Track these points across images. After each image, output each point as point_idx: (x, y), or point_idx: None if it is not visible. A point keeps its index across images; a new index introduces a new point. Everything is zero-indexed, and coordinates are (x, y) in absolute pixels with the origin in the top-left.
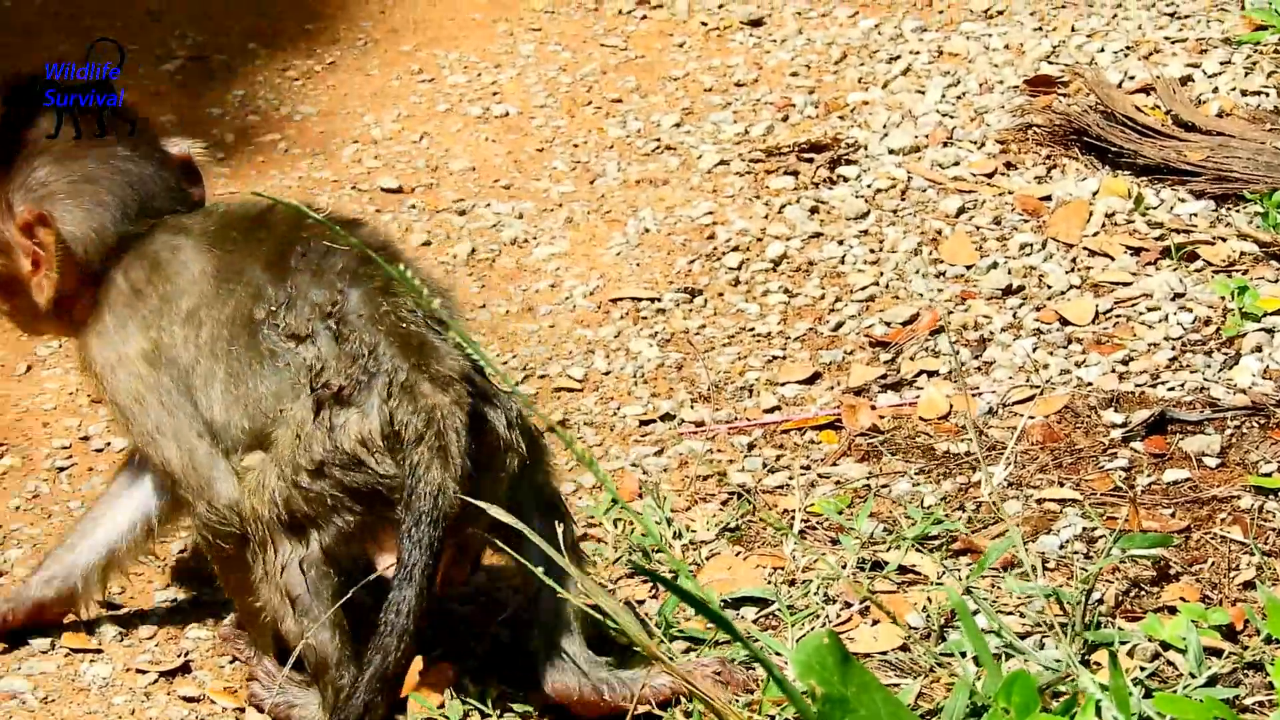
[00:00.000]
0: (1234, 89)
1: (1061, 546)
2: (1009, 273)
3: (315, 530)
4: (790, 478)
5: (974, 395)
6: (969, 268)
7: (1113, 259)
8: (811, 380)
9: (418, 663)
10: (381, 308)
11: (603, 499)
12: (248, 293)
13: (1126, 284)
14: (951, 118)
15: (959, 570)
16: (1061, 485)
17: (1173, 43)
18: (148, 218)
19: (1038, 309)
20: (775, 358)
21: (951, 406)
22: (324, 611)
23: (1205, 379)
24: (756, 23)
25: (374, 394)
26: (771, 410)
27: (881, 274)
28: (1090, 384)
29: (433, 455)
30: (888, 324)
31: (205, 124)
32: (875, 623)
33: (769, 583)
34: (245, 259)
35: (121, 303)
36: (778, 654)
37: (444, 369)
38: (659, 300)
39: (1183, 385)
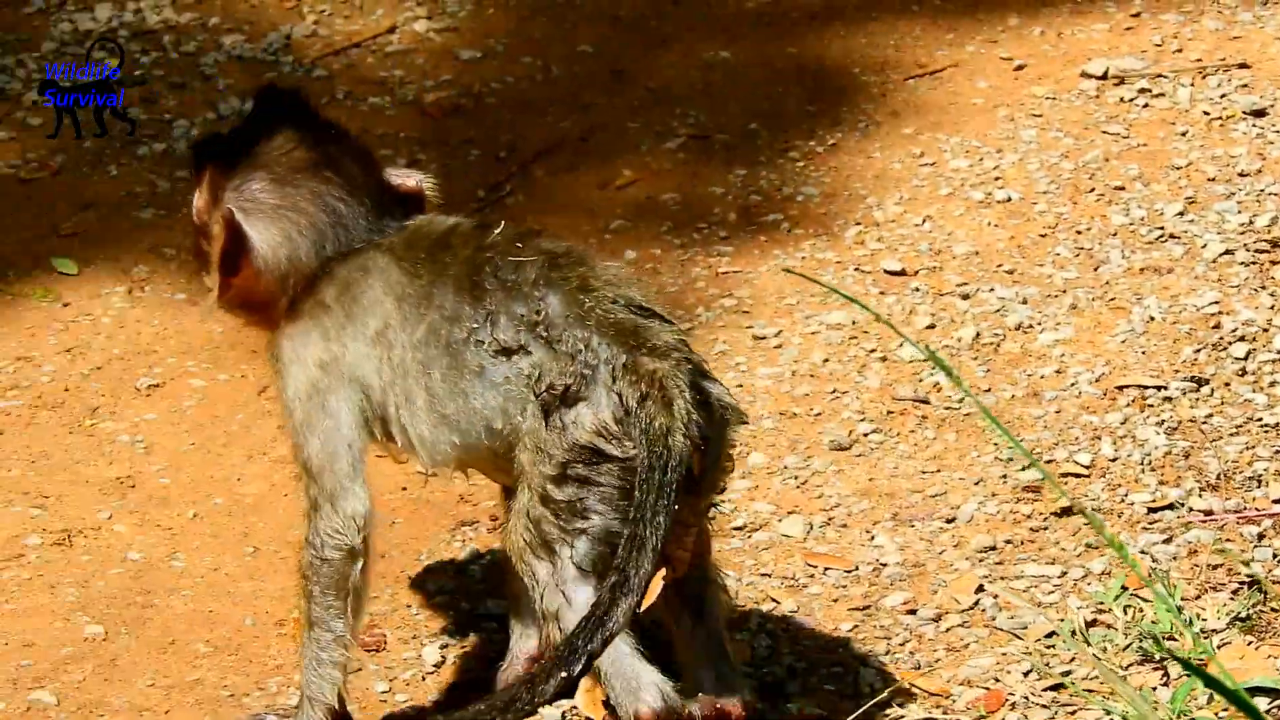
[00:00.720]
0: None
1: None
2: None
3: (567, 547)
4: None
5: None
6: None
7: None
8: None
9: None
10: (585, 304)
11: (1112, 585)
12: (441, 315)
13: None
14: None
15: None
16: None
17: None
18: (348, 246)
19: None
20: None
21: None
22: None
23: None
24: (1259, 113)
25: (598, 384)
26: None
27: None
28: None
29: (658, 408)
30: None
31: (708, 202)
32: None
33: None
34: (434, 281)
35: (310, 315)
36: None
37: (660, 343)
38: (1165, 388)
39: None
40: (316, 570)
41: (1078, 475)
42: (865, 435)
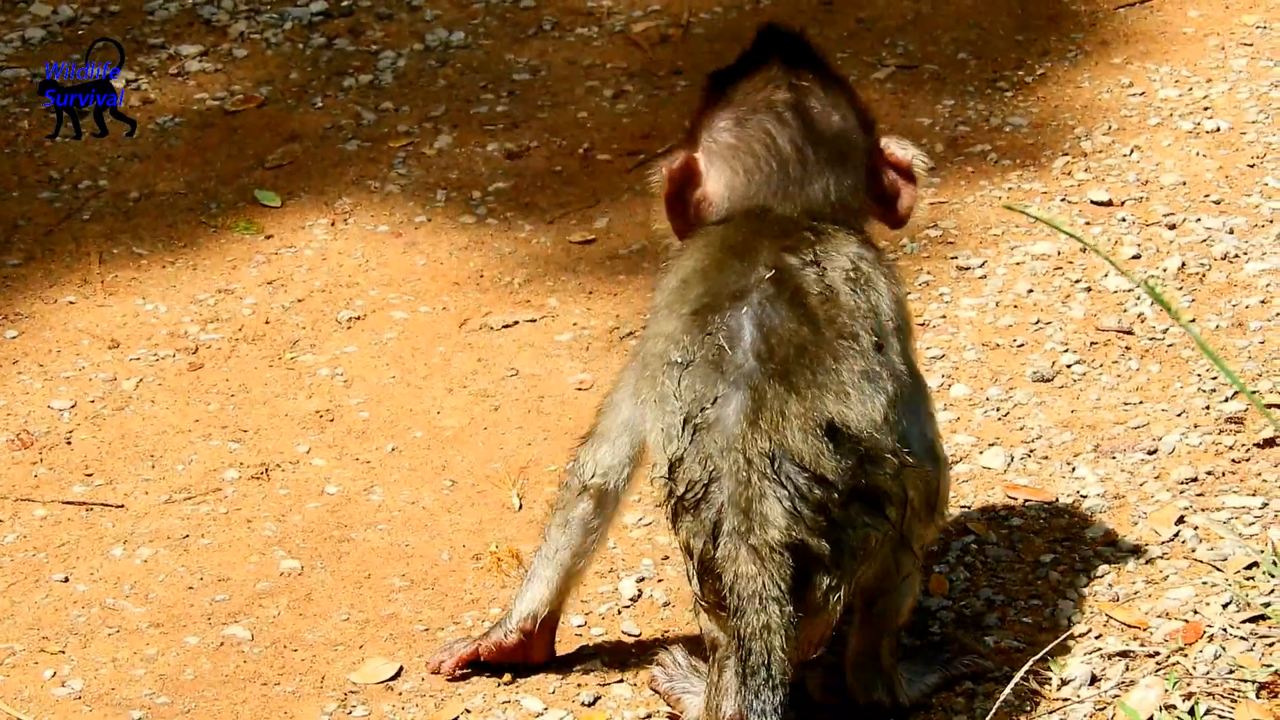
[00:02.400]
0: None
1: None
2: None
3: None
4: None
5: None
6: None
7: None
8: None
9: None
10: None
11: None
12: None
13: None
14: None
15: None
16: None
17: None
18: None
19: None
20: None
21: None
22: None
23: None
24: None
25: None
26: None
27: None
28: None
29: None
30: None
31: (915, 133)
32: None
33: None
34: (715, 282)
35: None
36: None
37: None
38: None
39: None
40: (559, 490)
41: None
42: (1068, 366)
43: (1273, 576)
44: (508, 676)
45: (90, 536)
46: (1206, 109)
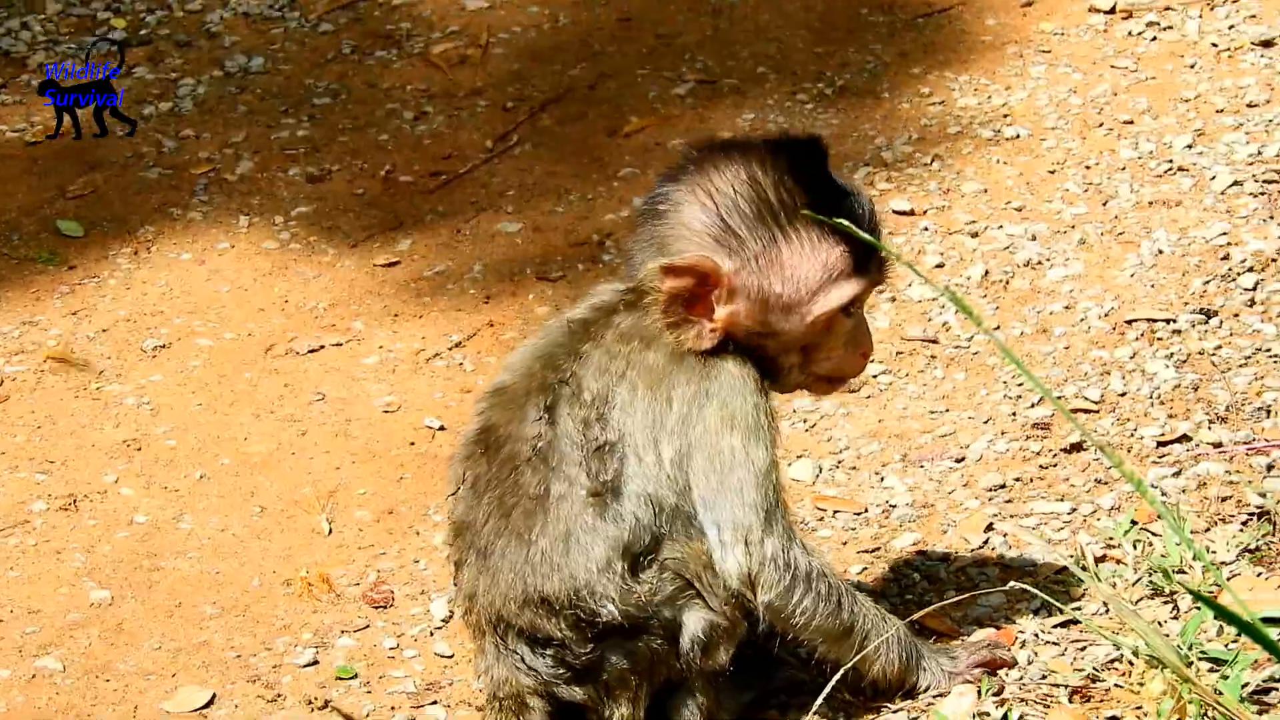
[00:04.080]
0: None
1: None
2: None
3: None
4: None
5: None
6: None
7: None
8: None
9: None
10: None
11: (1121, 520)
12: None
13: None
14: None
15: None
16: None
17: None
18: None
19: None
20: None
21: None
22: None
23: None
24: (1267, 43)
25: None
26: None
27: None
28: None
29: None
30: None
31: None
32: None
33: None
34: None
35: None
36: None
37: None
38: (1174, 321)
39: None
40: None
41: (1087, 411)
42: (875, 377)
43: (1082, 581)
44: (320, 700)
45: None
46: (1006, 116)
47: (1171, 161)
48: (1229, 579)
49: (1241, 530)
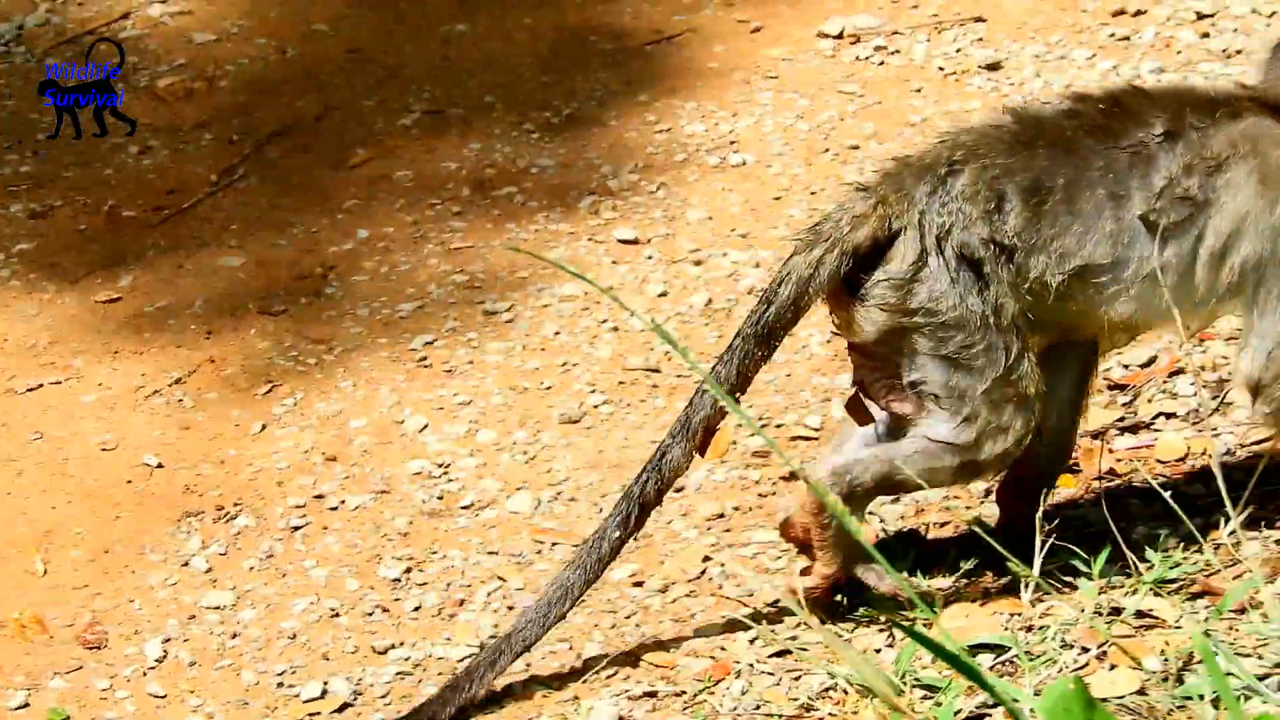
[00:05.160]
0: None
1: None
2: None
3: None
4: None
5: (1213, 436)
6: None
7: None
8: None
9: None
10: None
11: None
12: None
13: None
14: None
15: (1197, 614)
16: None
17: None
18: None
19: None
20: None
21: (1189, 448)
22: None
23: None
24: (994, 66)
25: None
26: None
27: None
28: None
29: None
30: (1126, 366)
31: (442, 178)
32: (1112, 667)
33: (1006, 629)
34: None
35: None
36: (1016, 700)
37: None
38: None
39: None
40: None
41: (807, 438)
42: (596, 407)
43: (795, 612)
44: None
45: None
46: (733, 143)
47: None
48: (945, 605)
49: (959, 556)
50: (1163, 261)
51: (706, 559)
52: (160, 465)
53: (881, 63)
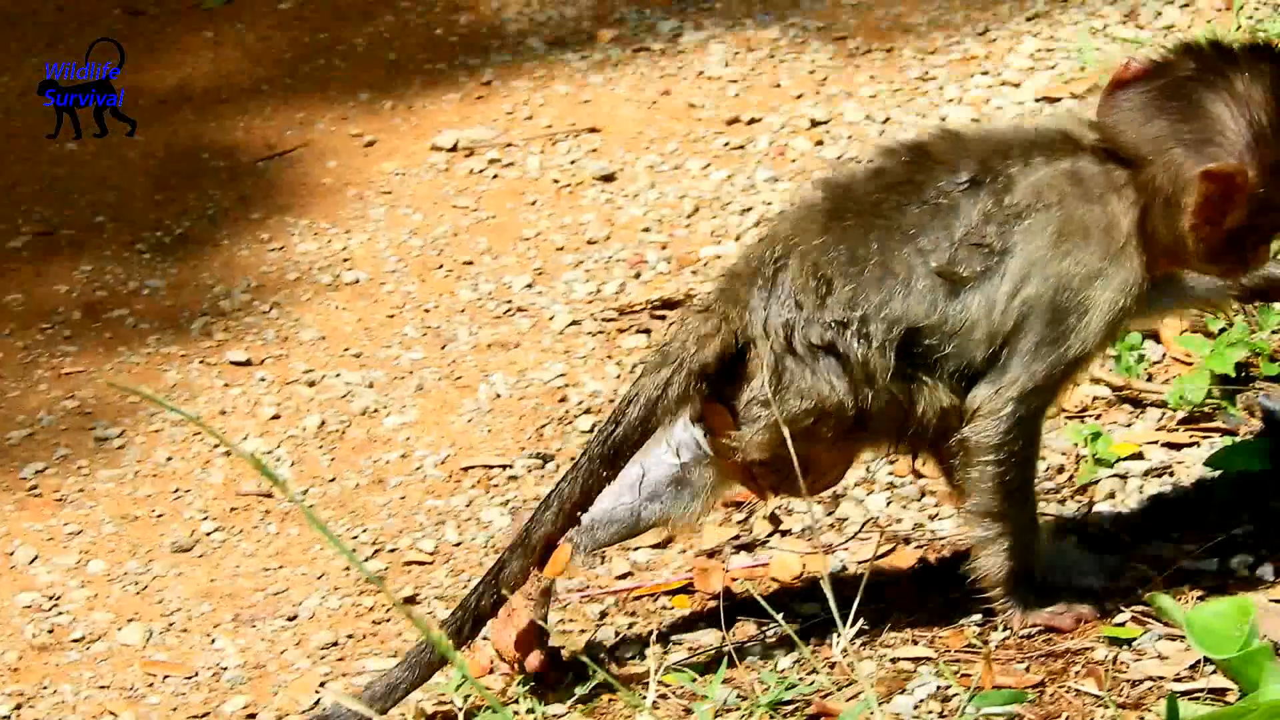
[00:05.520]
0: None
1: (916, 706)
2: None
3: None
4: (643, 646)
5: (827, 553)
6: None
7: None
8: (665, 544)
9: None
10: None
11: (454, 677)
12: None
13: None
14: None
15: None
16: (915, 643)
17: None
18: None
19: (891, 462)
20: None
21: (805, 565)
22: None
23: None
24: (608, 178)
25: None
26: (624, 576)
27: None
28: (944, 538)
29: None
30: None
31: (53, 301)
32: None
33: None
34: None
35: None
36: None
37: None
38: (510, 467)
39: None
40: None
41: (421, 563)
42: (208, 534)
43: None
44: None
45: None
46: (346, 260)
47: (510, 302)
48: None
49: (575, 679)
50: (972, 315)
51: (321, 687)
52: None
53: (495, 175)
